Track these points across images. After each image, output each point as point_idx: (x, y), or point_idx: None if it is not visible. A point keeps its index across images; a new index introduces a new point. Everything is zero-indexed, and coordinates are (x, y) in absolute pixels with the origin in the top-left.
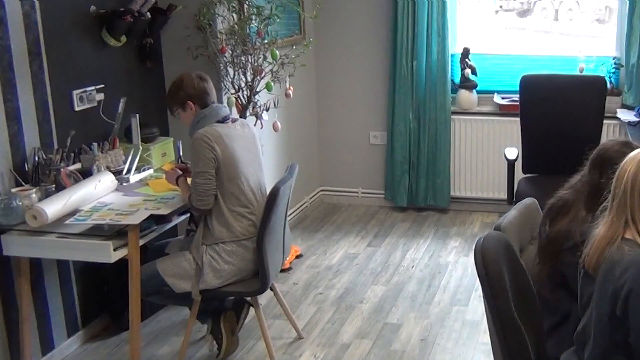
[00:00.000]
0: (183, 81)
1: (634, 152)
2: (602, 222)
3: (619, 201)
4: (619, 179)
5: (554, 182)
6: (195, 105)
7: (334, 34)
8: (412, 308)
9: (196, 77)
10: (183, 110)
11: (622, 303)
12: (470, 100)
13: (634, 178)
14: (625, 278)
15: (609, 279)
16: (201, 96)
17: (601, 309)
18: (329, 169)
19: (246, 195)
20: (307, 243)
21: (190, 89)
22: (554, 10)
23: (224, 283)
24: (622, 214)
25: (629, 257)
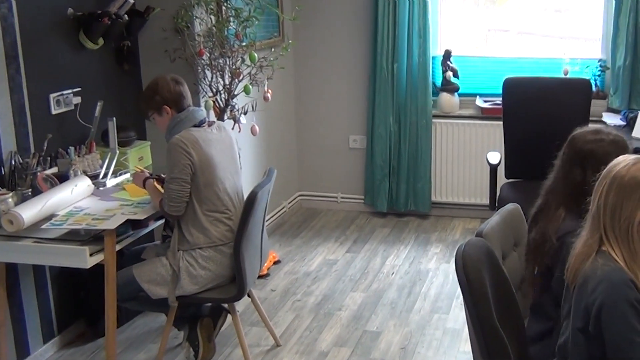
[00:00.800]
0: (158, 85)
1: (613, 162)
2: (582, 234)
3: (593, 218)
4: (595, 192)
5: (538, 187)
6: (171, 109)
7: (313, 36)
8: (392, 316)
9: (172, 81)
10: (159, 115)
11: (594, 319)
12: (451, 103)
13: (607, 194)
14: (596, 294)
15: (582, 294)
16: (177, 100)
17: (576, 324)
18: (307, 173)
19: (223, 200)
20: (285, 249)
21: (166, 93)
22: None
23: (200, 289)
24: (597, 230)
25: (601, 273)
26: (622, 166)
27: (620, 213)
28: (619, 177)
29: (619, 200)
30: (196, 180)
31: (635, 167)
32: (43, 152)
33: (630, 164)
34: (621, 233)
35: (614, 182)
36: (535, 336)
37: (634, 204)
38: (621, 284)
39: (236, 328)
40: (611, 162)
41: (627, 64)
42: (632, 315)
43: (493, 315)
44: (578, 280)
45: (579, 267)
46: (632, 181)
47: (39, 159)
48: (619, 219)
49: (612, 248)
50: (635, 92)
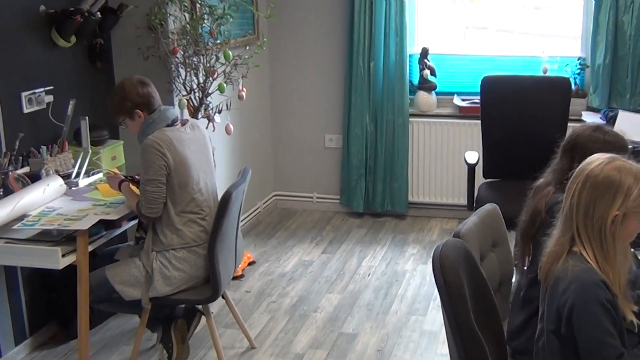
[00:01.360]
0: (126, 89)
1: (587, 161)
2: (554, 233)
3: (565, 216)
4: (568, 191)
5: (516, 187)
6: (143, 112)
7: (288, 33)
8: (368, 317)
9: (139, 83)
10: (131, 120)
11: (565, 321)
12: (429, 102)
13: (580, 193)
14: (567, 295)
15: (553, 295)
16: (148, 102)
17: (548, 326)
18: (283, 173)
19: (197, 200)
20: (260, 249)
21: (135, 96)
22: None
23: (174, 290)
24: (568, 229)
25: (571, 274)
26: (596, 165)
27: (594, 212)
28: (592, 175)
29: (592, 199)
30: (171, 181)
31: (610, 166)
32: (15, 151)
33: (604, 162)
34: (594, 232)
35: (588, 180)
36: (518, 328)
37: (607, 203)
38: (592, 284)
39: (210, 330)
40: (585, 161)
41: (607, 62)
42: (602, 316)
43: (471, 317)
44: (549, 281)
45: (550, 267)
46: (605, 180)
47: (11, 158)
48: (591, 218)
49: (584, 248)
50: (615, 91)
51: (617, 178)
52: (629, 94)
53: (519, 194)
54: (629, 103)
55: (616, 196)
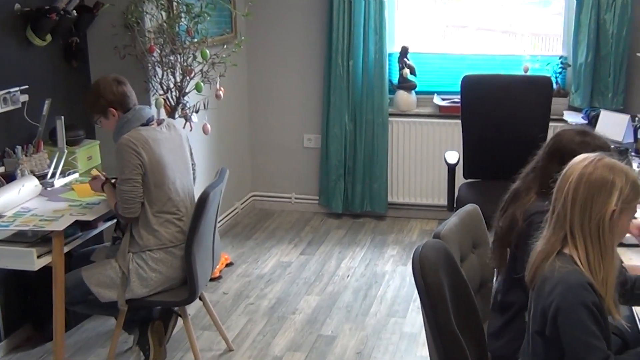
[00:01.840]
0: (100, 87)
1: (574, 162)
2: (543, 234)
3: (558, 215)
4: (559, 191)
5: (497, 187)
6: (117, 111)
7: (266, 32)
8: (347, 319)
9: (114, 82)
10: (105, 118)
11: (550, 322)
12: (408, 101)
13: (575, 191)
14: (553, 296)
15: (540, 296)
16: (122, 101)
17: (534, 327)
18: (261, 173)
19: (174, 201)
20: (237, 251)
21: (110, 94)
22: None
23: (151, 292)
24: (561, 228)
25: (558, 274)
26: (587, 163)
27: (592, 208)
28: (587, 173)
29: (590, 196)
30: (146, 181)
31: (602, 163)
32: None
33: (596, 160)
34: (591, 229)
35: (582, 178)
36: (496, 333)
37: (604, 199)
38: (578, 286)
39: (187, 332)
40: (572, 160)
41: (588, 61)
42: (588, 318)
43: (451, 319)
44: (536, 281)
45: (538, 266)
46: (600, 177)
47: None
48: (589, 215)
49: (577, 248)
50: (597, 90)
51: (611, 175)
52: (611, 93)
53: (499, 194)
54: (611, 102)
55: (612, 192)
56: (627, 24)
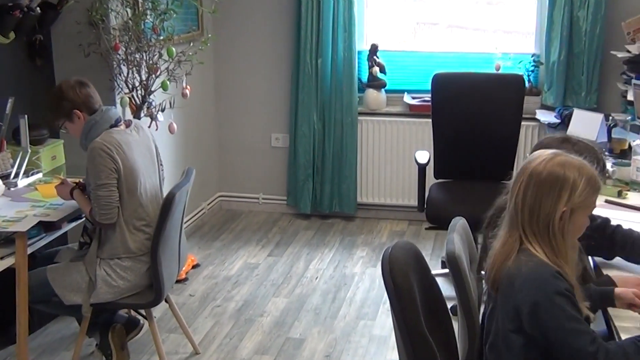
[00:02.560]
0: (63, 90)
1: (529, 159)
2: (499, 234)
3: (511, 217)
4: (511, 192)
5: (468, 188)
6: (82, 113)
7: (234, 29)
8: (315, 322)
9: (76, 84)
10: (70, 122)
11: (530, 318)
12: (378, 100)
13: (524, 193)
14: (526, 292)
15: (509, 294)
16: (87, 102)
17: (506, 326)
18: (228, 173)
19: (144, 206)
20: (204, 252)
21: (74, 96)
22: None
23: (116, 298)
24: (515, 230)
25: (526, 270)
26: (539, 162)
27: (540, 210)
28: (536, 173)
29: (538, 198)
30: (119, 187)
31: (552, 162)
32: None
33: (547, 159)
34: (541, 230)
35: (532, 179)
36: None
37: (553, 200)
38: (549, 276)
39: (153, 335)
40: (527, 159)
41: (561, 59)
42: (568, 305)
43: (421, 322)
44: (501, 280)
45: (499, 268)
46: (550, 177)
47: None
48: (537, 216)
49: (532, 245)
50: (570, 89)
51: (562, 173)
52: (585, 92)
53: (470, 194)
54: (585, 101)
55: (562, 192)
56: (600, 21)
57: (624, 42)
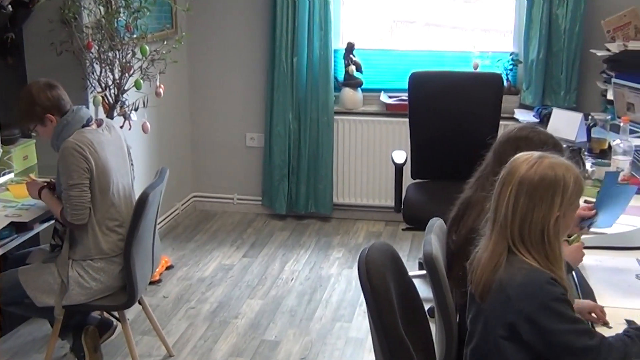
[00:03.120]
0: (34, 94)
1: (515, 163)
2: (484, 243)
3: (500, 227)
4: (499, 200)
5: (445, 188)
6: (54, 116)
7: (208, 28)
8: (291, 324)
9: (46, 87)
10: (43, 126)
11: (530, 328)
12: (354, 99)
13: (515, 201)
14: (522, 302)
15: (503, 302)
16: (59, 105)
17: (498, 333)
18: (202, 173)
19: (116, 207)
20: (178, 253)
21: (45, 101)
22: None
23: (89, 300)
24: (504, 239)
25: (520, 277)
26: (528, 166)
27: (532, 217)
28: (527, 179)
29: (531, 205)
30: (92, 187)
31: (543, 165)
32: None
33: (536, 163)
34: (534, 238)
35: (522, 185)
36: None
37: (547, 206)
38: (544, 283)
39: (126, 337)
40: (510, 162)
41: (540, 57)
42: (565, 309)
43: (398, 324)
44: (493, 287)
45: (490, 274)
46: (542, 181)
47: None
48: (530, 224)
49: (522, 253)
50: (549, 88)
51: (553, 175)
52: (564, 91)
53: (448, 195)
54: (564, 100)
55: (555, 196)
56: (579, 19)
57: (603, 40)
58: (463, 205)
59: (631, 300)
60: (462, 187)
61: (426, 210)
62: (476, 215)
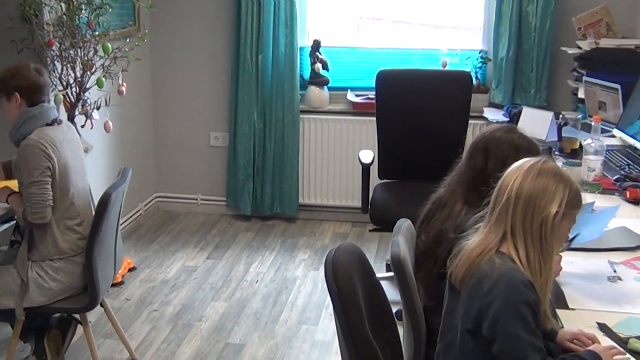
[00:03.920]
0: (17, 69)
1: (520, 161)
2: (476, 233)
3: (500, 212)
4: (501, 189)
5: (413, 188)
6: (22, 99)
7: (171, 25)
8: (256, 327)
9: (33, 69)
10: (7, 101)
11: (491, 322)
12: (321, 97)
13: (519, 189)
14: (494, 294)
15: (476, 293)
16: (32, 89)
17: (465, 326)
18: (165, 173)
19: (76, 206)
20: (141, 255)
21: (21, 79)
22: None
23: (49, 301)
24: (501, 225)
25: (499, 271)
26: (537, 160)
27: (535, 207)
28: (533, 171)
29: (534, 195)
30: (53, 185)
31: (547, 166)
32: None
33: (542, 162)
34: (533, 229)
35: (528, 177)
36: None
37: (548, 199)
38: (520, 283)
39: (88, 340)
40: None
41: (510, 55)
42: (530, 317)
43: (365, 327)
44: (471, 278)
45: (472, 262)
46: (545, 179)
47: None
48: (532, 213)
49: (516, 248)
50: (519, 86)
51: (556, 179)
52: (534, 89)
53: (416, 195)
54: (534, 99)
55: (556, 194)
56: (550, 16)
57: (574, 37)
58: (433, 204)
59: (603, 303)
60: (430, 187)
61: (394, 211)
62: (446, 216)
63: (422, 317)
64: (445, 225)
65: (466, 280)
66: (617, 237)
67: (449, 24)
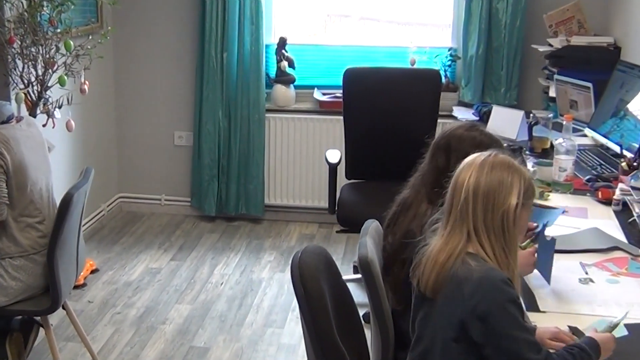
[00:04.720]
0: None
1: (470, 157)
2: (436, 237)
3: (460, 212)
4: (457, 188)
5: (381, 188)
6: None
7: (135, 22)
8: (221, 330)
9: None
10: None
11: (480, 326)
12: (287, 96)
13: (475, 186)
14: (477, 298)
15: (455, 299)
16: None
17: (446, 334)
18: (128, 173)
19: (36, 203)
20: (103, 256)
21: None
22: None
23: (10, 301)
24: (463, 225)
25: (478, 273)
26: (488, 154)
27: (495, 202)
28: (489, 161)
29: (492, 190)
30: (9, 184)
31: (499, 159)
32: None
33: (492, 155)
34: (495, 223)
35: (482, 172)
36: None
37: (507, 192)
38: (501, 282)
39: (50, 343)
40: (466, 160)
41: (479, 53)
42: (519, 314)
43: (333, 330)
44: (447, 284)
45: (442, 267)
46: (500, 172)
47: None
48: (492, 207)
49: (483, 245)
50: (489, 84)
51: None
52: (504, 88)
53: (384, 196)
54: (504, 98)
55: (513, 185)
56: (520, 13)
57: (545, 35)
58: (399, 206)
59: (574, 306)
60: (398, 187)
61: (361, 211)
62: (412, 216)
63: (390, 320)
64: (411, 226)
65: (441, 286)
66: (588, 238)
67: (417, 21)
